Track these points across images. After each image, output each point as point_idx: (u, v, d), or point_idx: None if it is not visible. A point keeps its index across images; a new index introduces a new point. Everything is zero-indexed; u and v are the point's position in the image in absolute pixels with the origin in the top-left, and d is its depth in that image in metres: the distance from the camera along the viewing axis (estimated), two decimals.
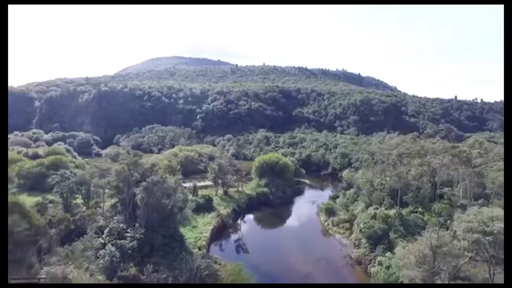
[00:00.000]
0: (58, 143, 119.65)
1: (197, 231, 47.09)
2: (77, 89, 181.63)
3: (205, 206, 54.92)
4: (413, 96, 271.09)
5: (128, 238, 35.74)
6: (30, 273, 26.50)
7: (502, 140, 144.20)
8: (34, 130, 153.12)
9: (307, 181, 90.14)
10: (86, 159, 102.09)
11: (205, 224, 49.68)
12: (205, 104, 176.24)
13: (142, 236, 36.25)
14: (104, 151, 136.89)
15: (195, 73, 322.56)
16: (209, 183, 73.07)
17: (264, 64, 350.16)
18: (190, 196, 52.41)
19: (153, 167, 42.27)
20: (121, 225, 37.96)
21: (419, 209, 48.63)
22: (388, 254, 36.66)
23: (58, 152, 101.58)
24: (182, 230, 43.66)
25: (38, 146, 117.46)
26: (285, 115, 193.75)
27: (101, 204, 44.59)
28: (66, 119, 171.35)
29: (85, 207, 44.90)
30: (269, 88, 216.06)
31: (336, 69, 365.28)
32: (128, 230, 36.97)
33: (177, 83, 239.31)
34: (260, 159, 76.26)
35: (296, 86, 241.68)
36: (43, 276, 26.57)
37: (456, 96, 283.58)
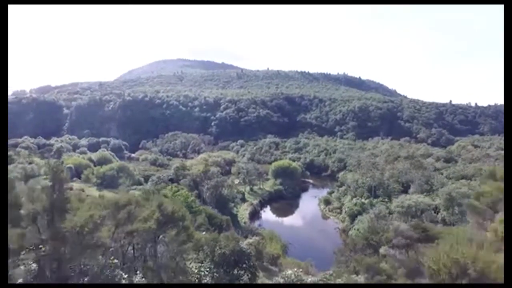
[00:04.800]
0: (101, 149, 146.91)
1: (239, 213, 74.74)
2: (102, 98, 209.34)
3: (241, 198, 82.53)
4: (410, 101, 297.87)
5: None
6: None
7: (483, 144, 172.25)
8: (70, 136, 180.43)
9: (311, 181, 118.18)
10: (131, 164, 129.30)
11: (243, 210, 77.36)
12: (218, 112, 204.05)
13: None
14: (133, 155, 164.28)
15: (203, 77, 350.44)
16: (236, 182, 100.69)
17: (268, 68, 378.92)
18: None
19: (218, 172, 69.91)
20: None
21: (386, 199, 76.21)
22: (360, 224, 64.25)
23: (106, 157, 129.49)
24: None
25: (85, 152, 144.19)
26: (290, 121, 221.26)
27: None
28: (94, 126, 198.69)
29: None
30: (275, 95, 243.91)
31: (338, 73, 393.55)
32: None
33: (188, 89, 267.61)
34: (275, 164, 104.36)
35: (300, 92, 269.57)
36: None
37: (450, 101, 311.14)
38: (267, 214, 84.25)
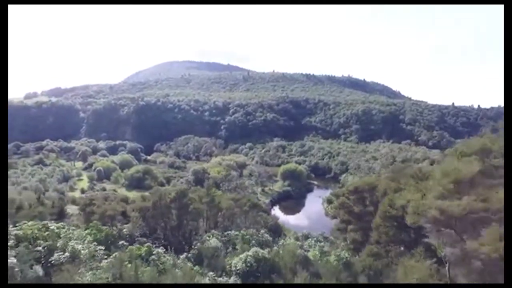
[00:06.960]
0: (120, 152, 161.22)
1: None
2: (117, 102, 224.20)
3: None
4: (412, 103, 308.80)
5: None
6: None
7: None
8: (89, 139, 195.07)
9: (315, 182, 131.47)
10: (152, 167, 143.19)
11: None
12: (227, 116, 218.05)
13: None
14: (149, 157, 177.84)
15: (210, 80, 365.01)
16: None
17: (273, 71, 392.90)
18: None
19: (239, 176, 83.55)
20: None
21: None
22: None
23: (127, 160, 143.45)
24: None
25: (105, 155, 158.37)
26: (295, 124, 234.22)
27: None
28: (110, 129, 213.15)
29: None
30: (280, 99, 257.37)
31: (342, 75, 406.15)
32: None
33: (197, 92, 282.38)
34: (284, 167, 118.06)
35: (305, 95, 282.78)
36: None
37: (453, 103, 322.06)
38: (277, 211, 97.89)
